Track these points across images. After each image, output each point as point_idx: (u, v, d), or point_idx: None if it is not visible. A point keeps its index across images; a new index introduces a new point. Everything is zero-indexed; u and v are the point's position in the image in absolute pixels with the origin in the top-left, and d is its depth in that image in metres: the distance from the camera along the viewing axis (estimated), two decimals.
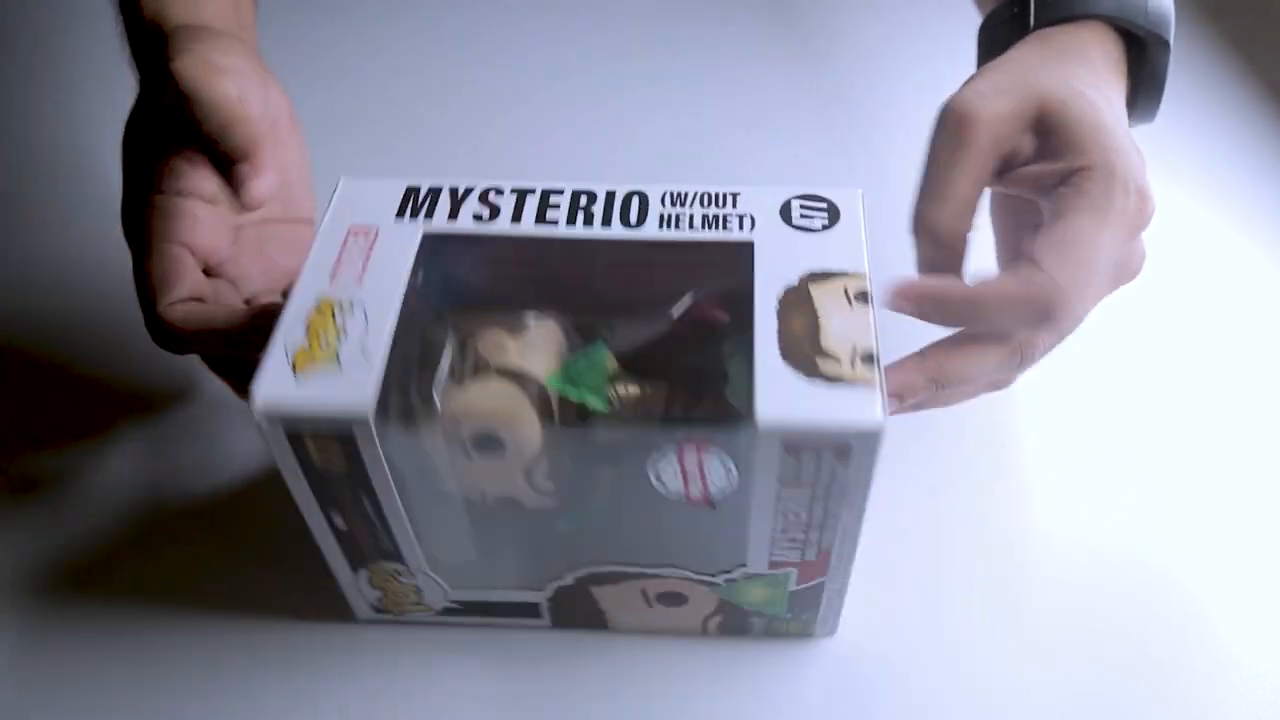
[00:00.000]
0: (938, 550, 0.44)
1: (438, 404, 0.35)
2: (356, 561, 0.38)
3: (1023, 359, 0.37)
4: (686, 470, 0.33)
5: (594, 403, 0.36)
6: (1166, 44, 0.40)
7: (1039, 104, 0.36)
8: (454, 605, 0.40)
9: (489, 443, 0.36)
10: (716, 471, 0.33)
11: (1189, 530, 0.45)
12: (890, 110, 0.66)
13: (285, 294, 0.35)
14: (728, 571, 0.37)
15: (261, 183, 0.39)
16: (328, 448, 0.33)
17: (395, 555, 0.38)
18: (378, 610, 0.41)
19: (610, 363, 0.36)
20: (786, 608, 0.39)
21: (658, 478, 0.33)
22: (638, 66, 0.70)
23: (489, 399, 0.36)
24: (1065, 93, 0.36)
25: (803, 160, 0.63)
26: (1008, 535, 0.45)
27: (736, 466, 0.32)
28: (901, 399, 0.36)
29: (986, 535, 0.45)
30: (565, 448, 0.37)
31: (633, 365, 0.37)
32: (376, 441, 0.32)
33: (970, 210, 0.37)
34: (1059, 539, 0.45)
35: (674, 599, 0.39)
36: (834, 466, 0.32)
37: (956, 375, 0.36)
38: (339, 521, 0.36)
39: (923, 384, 0.36)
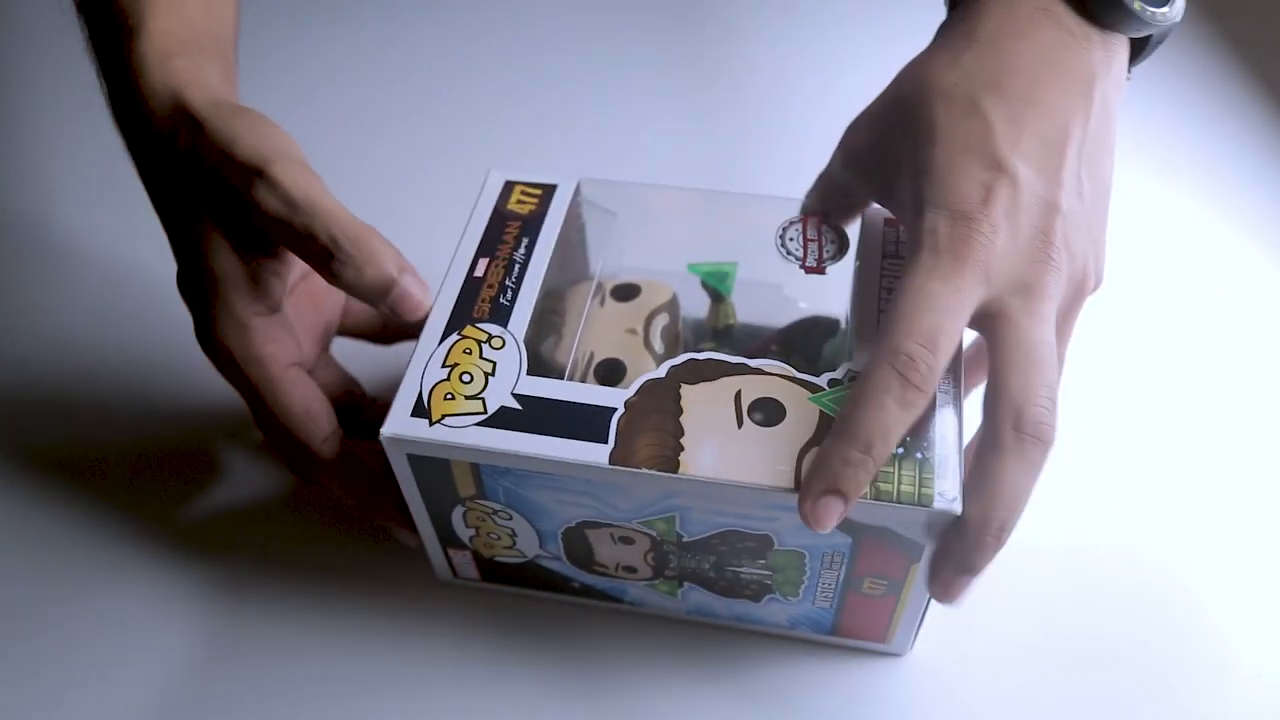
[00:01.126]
0: None
1: None
2: (456, 322, 0.38)
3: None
4: (808, 237, 0.40)
5: (723, 290, 0.43)
6: None
7: (890, 104, 0.37)
8: (513, 405, 0.35)
9: (628, 290, 0.42)
10: (829, 238, 0.40)
11: (1192, 531, 0.45)
12: None
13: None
14: (831, 370, 0.36)
15: (420, 294, 0.38)
16: (530, 195, 0.42)
17: (505, 313, 0.38)
18: (424, 405, 0.36)
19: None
20: None
21: (784, 245, 0.40)
22: (644, 68, 0.69)
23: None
24: (917, 90, 0.36)
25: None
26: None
27: (843, 239, 0.40)
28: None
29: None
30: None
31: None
32: (571, 199, 0.42)
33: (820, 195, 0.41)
34: (1057, 541, 0.45)
35: (770, 411, 0.35)
36: None
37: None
38: (480, 266, 0.39)
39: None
